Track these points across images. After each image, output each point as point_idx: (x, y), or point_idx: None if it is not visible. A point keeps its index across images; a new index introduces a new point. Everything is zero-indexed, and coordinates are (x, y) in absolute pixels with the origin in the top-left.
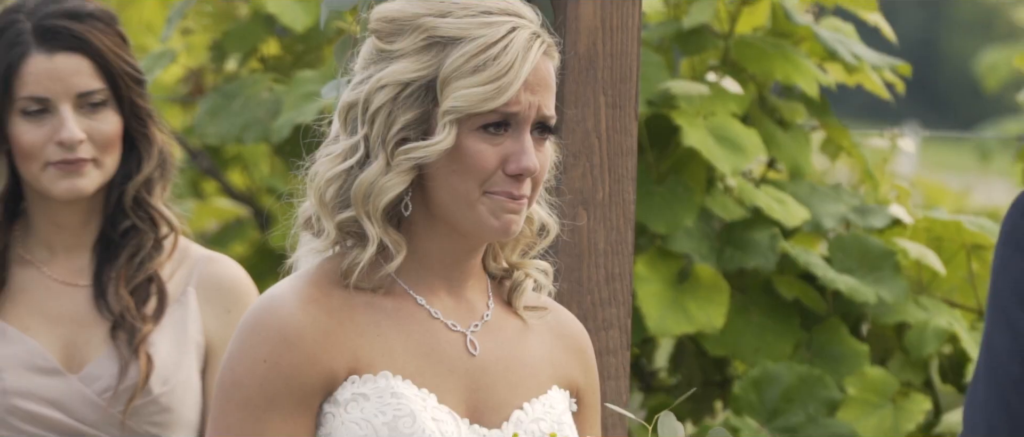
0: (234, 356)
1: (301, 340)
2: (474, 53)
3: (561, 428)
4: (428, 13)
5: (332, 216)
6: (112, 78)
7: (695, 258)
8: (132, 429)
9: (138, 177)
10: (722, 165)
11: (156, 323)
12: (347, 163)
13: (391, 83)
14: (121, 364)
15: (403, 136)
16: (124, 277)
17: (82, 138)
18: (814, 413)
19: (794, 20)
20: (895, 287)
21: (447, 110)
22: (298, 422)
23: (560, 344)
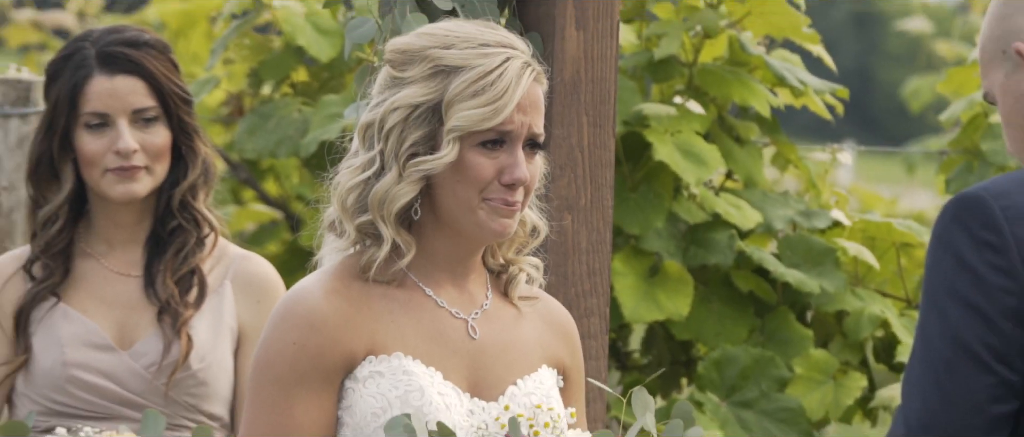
0: (268, 340)
1: (325, 325)
2: (474, 80)
3: (549, 401)
4: (434, 45)
5: (352, 219)
6: (163, 97)
7: (664, 255)
8: (173, 399)
9: (184, 183)
10: (687, 176)
11: (196, 309)
12: (365, 174)
13: (403, 106)
14: (165, 343)
15: (413, 151)
16: (170, 269)
17: (136, 148)
18: (766, 389)
19: (748, 51)
20: (835, 280)
21: (451, 129)
22: (323, 395)
23: (549, 329)
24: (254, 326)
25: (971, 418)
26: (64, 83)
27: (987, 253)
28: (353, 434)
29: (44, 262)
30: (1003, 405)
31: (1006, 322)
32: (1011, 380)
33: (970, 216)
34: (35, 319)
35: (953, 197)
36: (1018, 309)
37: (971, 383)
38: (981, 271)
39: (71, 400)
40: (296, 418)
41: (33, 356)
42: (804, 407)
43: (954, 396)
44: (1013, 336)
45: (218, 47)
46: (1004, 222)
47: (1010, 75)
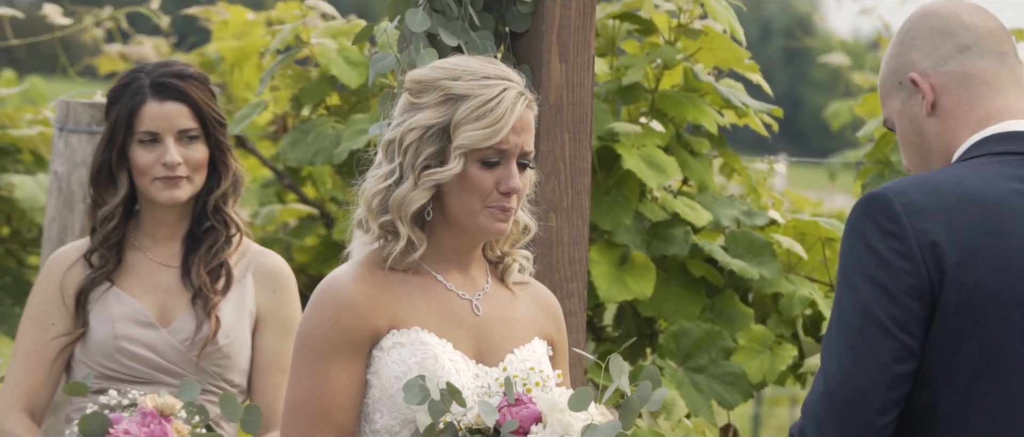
0: (307, 318)
1: (355, 305)
2: (477, 106)
3: (541, 365)
4: (445, 77)
5: (376, 219)
6: (203, 120)
7: (631, 247)
8: (202, 369)
9: (217, 192)
10: (650, 182)
11: (223, 295)
12: (387, 182)
13: (418, 127)
14: (197, 323)
15: (426, 164)
16: (203, 262)
17: (180, 161)
18: (715, 357)
19: (700, 79)
20: (772, 268)
21: (457, 146)
22: (354, 364)
23: (539, 308)
24: (270, 310)
25: (877, 375)
26: (123, 106)
27: (891, 241)
28: (380, 394)
29: (101, 253)
30: (904, 365)
31: (906, 297)
32: (910, 345)
33: (876, 210)
34: (92, 299)
35: (863, 196)
36: (916, 286)
37: (878, 347)
38: (886, 255)
39: (120, 367)
40: (331, 382)
41: (89, 330)
42: (746, 372)
43: (864, 357)
44: (911, 309)
45: (266, 77)
46: (904, 216)
47: (905, 102)
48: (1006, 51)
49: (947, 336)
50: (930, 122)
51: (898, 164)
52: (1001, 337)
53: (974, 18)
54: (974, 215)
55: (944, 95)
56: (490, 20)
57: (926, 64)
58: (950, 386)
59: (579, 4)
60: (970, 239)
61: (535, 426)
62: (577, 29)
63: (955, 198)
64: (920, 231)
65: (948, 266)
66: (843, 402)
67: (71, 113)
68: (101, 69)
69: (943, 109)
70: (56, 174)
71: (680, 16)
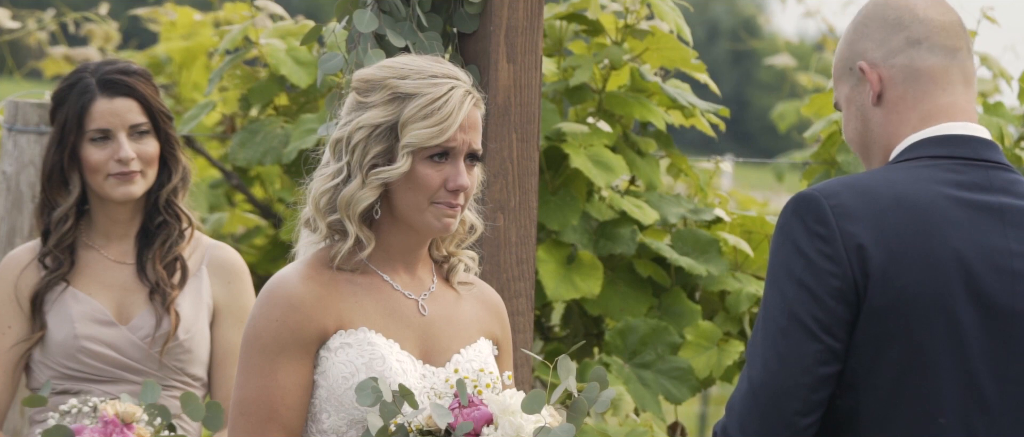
0: (255, 317)
1: (302, 304)
2: (424, 105)
3: (487, 365)
4: (393, 76)
5: (324, 218)
6: (152, 115)
7: (579, 246)
8: (164, 364)
9: (169, 185)
10: (598, 180)
11: (180, 289)
12: (334, 181)
13: (366, 125)
14: (157, 318)
15: (374, 162)
16: (158, 257)
17: (134, 156)
18: (662, 353)
19: (647, 79)
20: (719, 265)
21: (405, 144)
22: (301, 363)
23: (484, 308)
24: (226, 302)
25: (801, 377)
26: (71, 106)
27: (818, 243)
28: (327, 394)
29: (55, 254)
30: (827, 367)
31: (831, 300)
32: (834, 347)
33: (806, 211)
34: (49, 301)
35: (793, 196)
36: (841, 289)
37: (802, 348)
38: (812, 257)
39: (81, 366)
40: (279, 381)
41: (48, 331)
42: (693, 367)
43: (788, 359)
44: (836, 311)
45: (214, 77)
46: (833, 218)
47: (853, 88)
48: (958, 47)
49: (871, 339)
50: (875, 112)
51: (845, 165)
52: (924, 342)
53: (930, 12)
54: (903, 219)
55: (890, 87)
56: (438, 21)
57: (876, 55)
58: (873, 389)
59: (527, 5)
60: (897, 243)
61: (487, 428)
62: (525, 30)
63: (885, 201)
64: (847, 234)
65: (873, 269)
66: (766, 402)
67: (19, 113)
68: (46, 71)
69: (888, 101)
70: (4, 174)
71: (627, 17)
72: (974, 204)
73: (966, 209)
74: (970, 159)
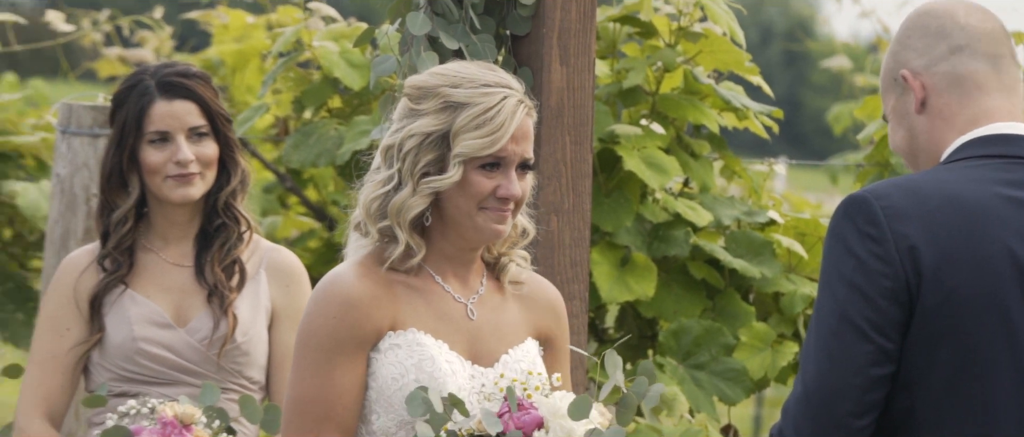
0: (310, 315)
1: (360, 302)
2: (476, 115)
3: (535, 366)
4: (445, 84)
5: (375, 223)
6: (211, 117)
7: (633, 248)
8: (222, 367)
9: (227, 188)
10: (652, 182)
11: (239, 292)
12: (386, 188)
13: (418, 133)
14: (214, 321)
15: (425, 171)
16: (217, 259)
17: (193, 159)
18: (715, 354)
19: (700, 82)
20: (773, 267)
21: (457, 154)
22: (357, 360)
23: (536, 306)
24: (284, 305)
25: (853, 378)
26: (130, 108)
27: (869, 243)
28: (376, 395)
29: (114, 256)
30: (879, 368)
31: (883, 300)
32: (886, 348)
33: (856, 212)
34: (107, 303)
35: (845, 198)
36: (893, 289)
37: (854, 350)
38: (863, 258)
39: (139, 369)
40: (335, 380)
41: (107, 333)
42: (747, 368)
43: (839, 361)
44: (888, 311)
45: (268, 80)
46: (883, 219)
47: (899, 98)
48: (1001, 54)
49: (924, 339)
50: (920, 120)
51: (898, 166)
52: (978, 340)
53: (971, 19)
54: (953, 218)
55: (934, 95)
56: (491, 23)
57: (918, 63)
58: (927, 389)
59: (579, 7)
60: (948, 242)
61: (537, 432)
62: (577, 32)
63: (936, 201)
64: (899, 234)
65: (925, 269)
66: (819, 404)
67: (73, 116)
68: (101, 73)
69: (933, 109)
70: (59, 177)
71: (680, 19)
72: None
73: (1017, 207)
74: (1020, 157)
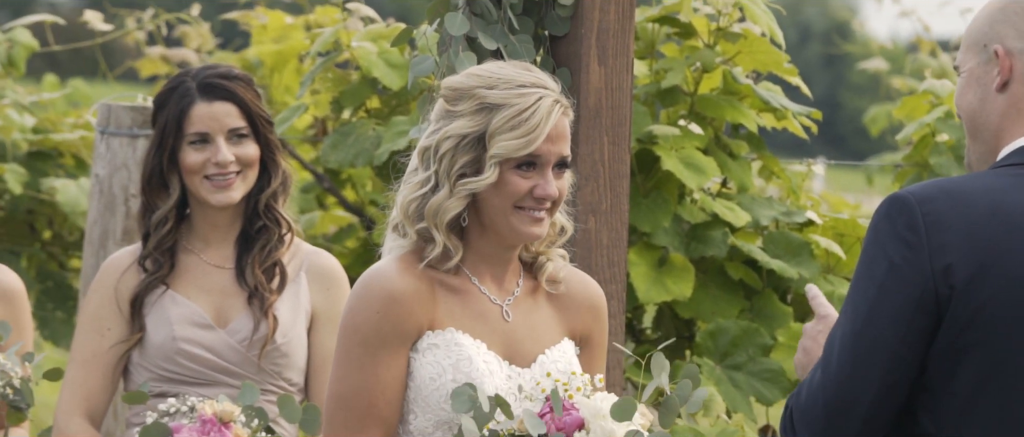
0: (353, 310)
1: (404, 297)
2: (512, 116)
3: (572, 366)
4: (480, 85)
5: (413, 225)
6: (251, 119)
7: (670, 249)
8: (261, 368)
9: (268, 190)
10: (690, 183)
11: (279, 294)
12: (423, 190)
13: (454, 135)
14: (254, 322)
15: (462, 172)
16: (257, 262)
17: (232, 160)
18: (753, 354)
19: (739, 82)
20: (811, 268)
21: (492, 155)
22: (400, 356)
23: (573, 304)
24: (324, 309)
25: (871, 382)
26: (171, 109)
27: (904, 249)
28: (414, 395)
29: (155, 257)
30: (896, 374)
31: (909, 308)
32: (906, 356)
33: (897, 215)
34: (148, 303)
35: (889, 195)
36: (921, 299)
37: (873, 355)
38: (897, 262)
39: (179, 369)
40: (379, 375)
41: (147, 333)
42: (784, 369)
43: (859, 360)
44: (914, 320)
45: (306, 80)
46: (923, 226)
47: (982, 66)
48: None
49: (951, 350)
50: (997, 99)
51: (937, 167)
52: (1005, 354)
53: None
54: (995, 230)
55: (1018, 82)
56: (529, 23)
57: (1014, 44)
58: (950, 399)
59: (618, 7)
60: (986, 256)
61: (578, 433)
62: (616, 32)
63: (980, 210)
64: (936, 245)
65: (958, 282)
66: (834, 403)
67: (112, 116)
68: (142, 72)
69: (1013, 93)
70: (98, 177)
71: (719, 19)
72: None
73: None
74: None
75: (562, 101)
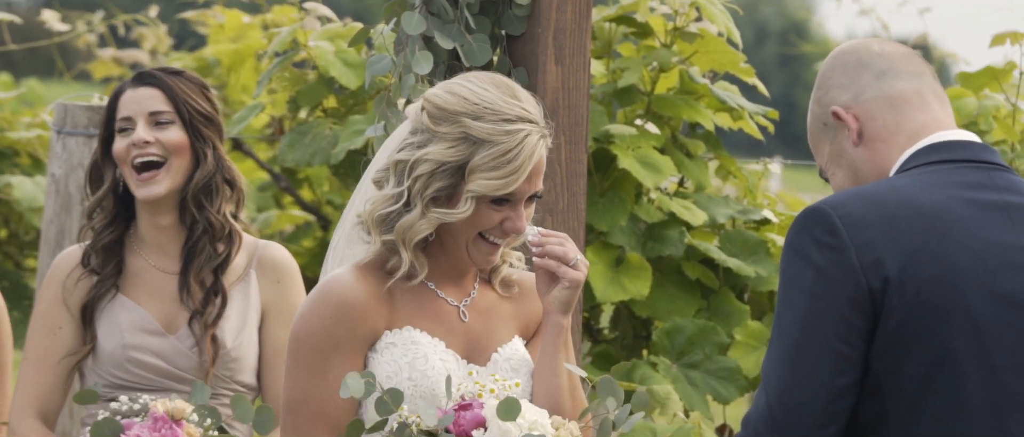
0: (306, 316)
1: (357, 302)
2: (496, 156)
3: (525, 361)
4: (466, 113)
5: (379, 235)
6: (177, 105)
7: (627, 248)
8: (214, 374)
9: (193, 181)
10: (646, 181)
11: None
12: (395, 206)
13: (432, 160)
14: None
15: (436, 195)
16: (196, 281)
17: (149, 140)
18: (709, 353)
19: (696, 81)
20: (767, 266)
21: (470, 190)
22: (353, 362)
23: (525, 298)
24: (275, 302)
25: (818, 389)
26: (108, 103)
27: (829, 253)
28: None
29: (97, 253)
30: (845, 377)
31: (846, 308)
32: (851, 356)
33: (814, 224)
34: (99, 309)
35: (801, 211)
36: (855, 297)
37: (817, 360)
38: (824, 268)
39: (130, 376)
40: (330, 379)
41: (98, 341)
42: (741, 367)
43: (803, 372)
44: (851, 319)
45: (263, 79)
46: (842, 229)
47: (833, 141)
48: (922, 71)
49: (892, 343)
50: (859, 152)
51: None
52: (947, 342)
53: (885, 47)
54: (913, 222)
55: (869, 122)
56: (486, 23)
57: (846, 97)
58: (899, 393)
59: (575, 7)
60: (911, 246)
61: (476, 431)
62: (573, 32)
63: (893, 206)
64: (860, 243)
65: (890, 276)
66: (783, 417)
67: (69, 116)
68: (95, 74)
69: (871, 135)
70: (53, 177)
71: (676, 19)
72: (981, 203)
73: (974, 208)
74: (970, 160)
75: (545, 134)
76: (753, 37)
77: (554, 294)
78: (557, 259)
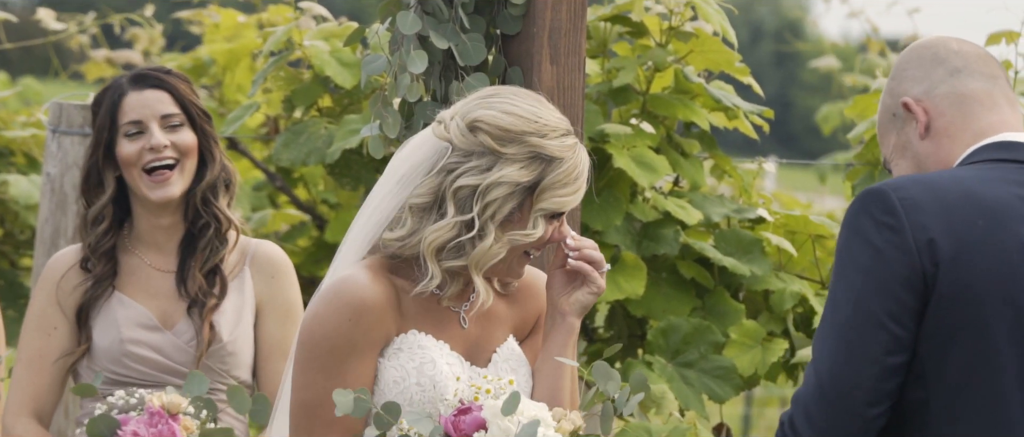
0: (321, 317)
1: (375, 304)
2: (568, 172)
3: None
4: (532, 132)
5: (439, 264)
6: (185, 108)
7: (622, 247)
8: (210, 367)
9: (205, 181)
10: (641, 182)
11: (219, 302)
12: (468, 235)
13: (508, 182)
14: (195, 330)
15: (508, 218)
16: (198, 264)
17: (167, 144)
18: (705, 352)
19: (691, 81)
20: (762, 265)
21: (541, 209)
22: (369, 364)
23: (521, 296)
24: (269, 297)
25: (869, 367)
26: (105, 105)
27: (886, 233)
28: (378, 398)
29: (95, 259)
30: (895, 357)
31: (900, 289)
32: (901, 336)
33: (873, 204)
34: (95, 309)
35: (861, 191)
36: (910, 278)
37: (869, 338)
38: (881, 247)
39: (128, 371)
40: (347, 383)
41: (94, 337)
42: (736, 366)
43: (855, 349)
44: (904, 300)
45: (258, 79)
46: (901, 210)
47: (900, 131)
48: (996, 75)
49: (939, 329)
50: (925, 145)
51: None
52: (991, 335)
53: (962, 46)
54: (971, 213)
55: (938, 117)
56: (481, 22)
57: (918, 90)
58: (941, 381)
59: (570, 6)
60: (966, 235)
61: (477, 433)
62: (568, 31)
63: (953, 196)
64: (916, 224)
65: (943, 259)
66: (834, 394)
67: (64, 115)
68: (88, 75)
69: (937, 130)
70: (49, 176)
71: (671, 18)
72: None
73: None
74: None
75: None
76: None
77: (576, 297)
78: (594, 264)
